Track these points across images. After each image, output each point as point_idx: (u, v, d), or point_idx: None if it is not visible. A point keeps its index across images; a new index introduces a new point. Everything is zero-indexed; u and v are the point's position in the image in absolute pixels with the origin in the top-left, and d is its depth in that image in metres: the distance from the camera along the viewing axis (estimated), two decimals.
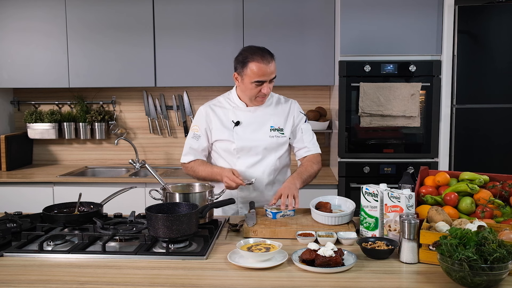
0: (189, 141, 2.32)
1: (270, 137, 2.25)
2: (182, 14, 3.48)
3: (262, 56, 2.11)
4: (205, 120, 2.28)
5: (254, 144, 2.23)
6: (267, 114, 2.27)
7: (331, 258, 1.46)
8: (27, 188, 3.35)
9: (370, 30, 3.20)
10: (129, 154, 3.95)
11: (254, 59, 2.10)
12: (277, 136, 2.26)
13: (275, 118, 2.28)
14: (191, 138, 2.31)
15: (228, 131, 2.24)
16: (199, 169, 2.26)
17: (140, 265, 1.55)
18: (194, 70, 3.52)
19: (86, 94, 3.94)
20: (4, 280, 1.43)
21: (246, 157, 2.24)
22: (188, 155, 2.31)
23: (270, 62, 2.11)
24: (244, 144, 2.22)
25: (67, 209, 2.04)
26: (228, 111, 2.28)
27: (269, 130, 2.25)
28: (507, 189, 1.84)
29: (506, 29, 3.14)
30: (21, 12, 3.54)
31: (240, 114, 2.26)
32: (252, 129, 2.25)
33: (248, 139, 2.23)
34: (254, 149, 2.23)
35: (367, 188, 1.80)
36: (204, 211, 1.85)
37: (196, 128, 2.30)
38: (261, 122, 2.26)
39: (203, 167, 2.26)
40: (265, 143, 2.24)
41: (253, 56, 2.11)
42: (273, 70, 2.14)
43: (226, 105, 2.30)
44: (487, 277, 1.29)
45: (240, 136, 2.23)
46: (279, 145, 2.27)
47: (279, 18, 3.43)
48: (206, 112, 2.29)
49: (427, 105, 3.22)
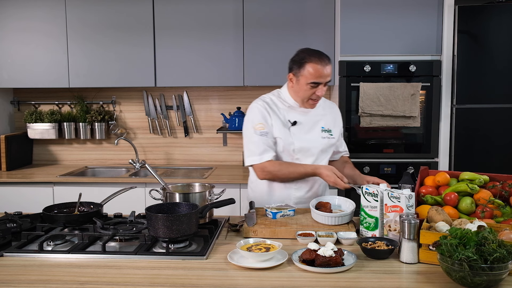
0: (259, 140, 2.15)
1: (322, 138, 2.24)
2: (182, 14, 3.48)
3: (320, 57, 2.10)
4: (268, 116, 2.19)
5: (311, 145, 2.21)
6: (318, 115, 2.27)
7: (331, 258, 1.46)
8: (27, 188, 3.34)
9: (370, 30, 3.20)
10: (129, 154, 3.95)
11: (311, 60, 2.09)
12: (327, 138, 2.26)
13: (325, 119, 2.28)
14: (260, 136, 2.15)
15: (286, 131, 2.20)
16: (288, 171, 2.15)
17: (140, 265, 1.55)
18: (194, 70, 3.52)
19: (86, 94, 3.94)
20: (4, 280, 1.43)
21: (304, 158, 2.21)
22: (266, 153, 2.15)
23: (327, 65, 2.10)
24: (303, 145, 2.20)
25: (67, 209, 2.04)
26: (283, 111, 2.23)
27: (320, 131, 2.25)
28: (507, 189, 1.84)
29: (506, 29, 3.14)
30: (21, 12, 3.55)
31: (295, 114, 2.23)
32: (307, 129, 2.23)
33: (305, 139, 2.21)
34: (311, 150, 2.22)
35: (367, 188, 1.80)
36: (204, 211, 1.85)
37: (261, 126, 2.17)
38: (314, 122, 2.25)
39: (292, 168, 2.15)
40: (319, 144, 2.23)
41: (310, 57, 2.10)
42: (329, 73, 2.12)
43: (279, 104, 2.25)
44: (487, 277, 1.29)
45: (298, 136, 2.20)
46: (329, 146, 2.28)
47: (279, 18, 3.44)
48: (266, 109, 2.21)
49: (427, 105, 3.22)
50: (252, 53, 3.46)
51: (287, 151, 2.20)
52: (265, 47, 3.46)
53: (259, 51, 3.46)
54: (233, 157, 3.94)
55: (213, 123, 3.93)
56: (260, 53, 3.45)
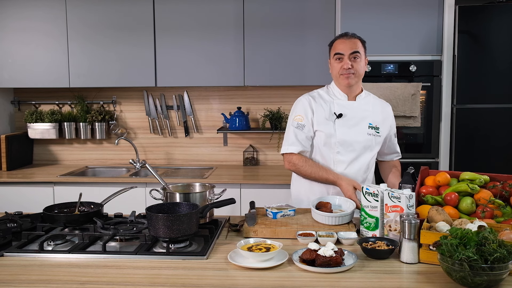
0: (293, 131, 2.23)
1: (368, 135, 2.24)
2: (182, 14, 3.48)
3: (344, 34, 2.22)
4: (309, 109, 2.23)
5: (354, 139, 2.21)
6: (366, 111, 2.26)
7: (332, 258, 1.46)
8: (28, 188, 3.35)
9: (370, 30, 3.19)
10: (130, 154, 3.95)
11: (337, 38, 2.22)
12: (374, 135, 2.25)
13: (373, 116, 2.27)
14: (295, 128, 2.22)
15: (329, 124, 2.21)
16: (310, 170, 2.19)
17: (140, 265, 1.55)
18: (194, 70, 3.52)
19: (86, 94, 3.94)
20: (4, 280, 1.43)
21: (345, 152, 2.22)
22: (294, 145, 2.21)
23: (351, 38, 2.18)
24: (345, 138, 2.20)
25: (68, 209, 2.04)
26: (329, 103, 2.25)
27: (367, 127, 2.24)
28: (507, 189, 1.84)
29: (507, 29, 3.14)
30: (21, 12, 3.55)
31: (342, 107, 2.24)
32: (353, 123, 2.22)
33: (349, 132, 2.20)
34: (353, 145, 2.21)
35: (367, 188, 1.80)
36: (205, 211, 1.85)
37: (300, 118, 2.22)
38: (361, 117, 2.24)
39: (315, 169, 2.19)
40: (364, 140, 2.23)
41: (337, 36, 2.24)
42: (354, 45, 2.17)
43: (326, 97, 2.27)
44: (487, 277, 1.29)
45: (342, 129, 2.20)
46: (374, 144, 2.27)
47: (279, 18, 3.44)
48: (309, 101, 2.25)
49: (427, 105, 3.22)
50: (252, 53, 3.46)
51: (329, 144, 2.21)
52: (265, 47, 3.46)
53: (260, 51, 3.46)
54: (233, 157, 3.94)
55: (213, 123, 3.93)
56: (261, 53, 3.45)
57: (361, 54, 2.19)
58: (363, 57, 2.21)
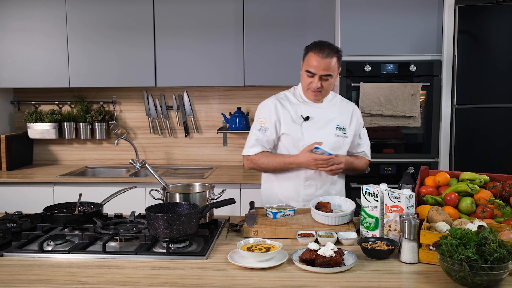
0: (255, 133, 2.24)
1: (335, 136, 2.23)
2: (182, 14, 3.48)
3: (321, 48, 2.09)
4: (274, 113, 2.21)
5: (322, 141, 2.18)
6: (334, 112, 2.26)
7: (331, 258, 1.46)
8: (27, 188, 3.35)
9: (370, 30, 3.20)
10: (129, 154, 3.95)
11: (312, 50, 2.12)
12: (341, 136, 2.24)
13: (341, 117, 2.26)
14: (257, 130, 2.23)
15: (297, 126, 2.20)
16: (267, 160, 2.21)
17: (140, 265, 1.55)
18: (194, 70, 3.52)
19: (86, 94, 3.94)
20: (4, 280, 1.43)
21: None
22: (254, 147, 2.23)
23: (326, 57, 2.08)
24: (313, 140, 2.17)
25: (67, 209, 2.04)
26: (296, 106, 2.24)
27: (335, 129, 2.23)
28: (507, 189, 1.84)
29: (506, 29, 3.14)
30: (21, 12, 3.55)
31: (309, 109, 2.23)
32: (320, 125, 2.22)
33: (317, 135, 2.20)
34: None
35: (367, 188, 1.80)
36: (204, 211, 1.85)
37: (263, 121, 2.23)
38: (328, 119, 2.24)
39: (271, 157, 2.21)
40: (332, 141, 2.21)
41: (314, 46, 2.13)
42: (328, 67, 2.09)
43: (293, 100, 2.26)
44: (487, 277, 1.29)
45: (309, 131, 2.20)
46: (343, 145, 2.26)
47: (279, 18, 3.44)
48: (275, 105, 2.23)
49: (427, 105, 3.22)
50: (252, 53, 3.46)
51: (297, 147, 2.20)
52: (265, 47, 3.46)
53: (259, 51, 3.46)
54: (233, 157, 3.94)
55: (213, 123, 3.93)
56: (260, 53, 3.45)
57: (334, 74, 2.14)
58: (336, 74, 2.16)
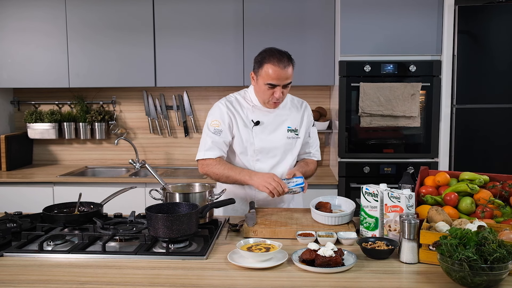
0: (209, 136, 2.15)
1: (287, 138, 2.20)
2: (182, 14, 3.48)
3: (279, 59, 2.03)
4: (227, 115, 2.16)
5: (273, 145, 2.18)
6: (284, 115, 2.22)
7: (331, 258, 1.46)
8: (27, 188, 3.35)
9: (370, 30, 3.20)
10: (129, 154, 3.95)
11: (270, 61, 2.04)
12: (293, 138, 2.22)
13: (291, 118, 2.23)
14: (212, 133, 2.15)
15: (247, 131, 2.17)
16: (221, 170, 2.12)
17: (140, 265, 1.55)
18: (194, 70, 3.52)
19: (86, 94, 3.94)
20: (4, 280, 1.43)
21: (265, 159, 2.18)
22: (210, 150, 2.14)
23: (286, 67, 2.03)
24: (264, 145, 2.16)
25: (67, 209, 2.04)
26: (246, 110, 2.20)
27: (286, 131, 2.20)
28: (507, 189, 1.84)
29: (506, 29, 3.14)
30: (21, 12, 3.55)
31: (259, 114, 2.19)
32: (271, 129, 2.19)
33: (267, 140, 2.17)
34: (273, 151, 2.18)
35: (367, 188, 1.80)
36: (204, 211, 1.85)
37: (217, 123, 2.15)
38: (279, 122, 2.20)
39: (226, 167, 2.13)
40: (283, 144, 2.19)
41: (270, 57, 2.05)
42: (289, 75, 2.05)
43: (244, 103, 2.21)
44: (487, 277, 1.29)
45: (260, 136, 2.17)
46: (295, 146, 2.24)
47: (279, 18, 3.44)
48: (228, 108, 2.17)
49: (427, 105, 3.22)
50: (252, 53, 3.42)
51: (245, 152, 2.17)
52: (265, 47, 3.44)
53: (260, 50, 3.44)
54: None
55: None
56: None
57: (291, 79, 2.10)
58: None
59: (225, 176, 2.13)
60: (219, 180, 2.18)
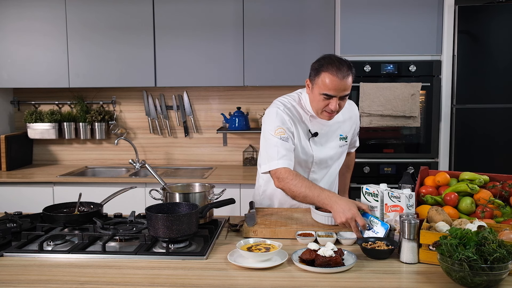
0: (279, 144, 1.96)
1: (339, 147, 2.14)
2: (182, 14, 3.48)
3: (338, 68, 1.88)
4: (289, 124, 2.01)
5: (329, 157, 2.11)
6: (338, 123, 2.12)
7: (331, 258, 1.46)
8: (27, 188, 3.34)
9: (370, 30, 3.20)
10: (129, 154, 3.95)
11: (328, 70, 1.89)
12: (343, 145, 2.16)
13: (343, 126, 2.15)
14: (281, 141, 1.96)
15: (305, 142, 2.06)
16: (299, 186, 1.87)
17: (140, 265, 1.55)
18: (194, 70, 3.52)
19: (86, 94, 3.94)
20: (4, 280, 1.43)
21: (318, 169, 2.12)
22: (283, 159, 1.93)
23: (345, 77, 1.88)
24: (322, 157, 2.09)
25: (67, 209, 2.04)
26: (305, 120, 2.07)
27: (338, 140, 2.13)
28: (507, 189, 1.84)
29: (506, 29, 3.14)
30: (21, 12, 3.55)
31: (316, 124, 2.07)
32: (326, 139, 2.11)
33: (324, 151, 2.10)
34: (327, 161, 2.13)
35: (367, 188, 1.80)
36: (204, 211, 1.85)
37: (282, 131, 1.97)
38: (333, 131, 2.12)
39: (304, 184, 1.87)
40: (336, 153, 2.13)
41: (328, 65, 1.90)
42: (347, 87, 1.90)
43: (302, 112, 2.07)
44: (487, 277, 1.29)
45: (317, 148, 2.09)
46: (344, 153, 2.20)
47: (279, 18, 3.44)
48: (288, 115, 2.02)
49: (427, 105, 3.22)
50: (252, 53, 3.46)
51: (300, 163, 2.06)
52: (265, 47, 3.46)
53: (259, 51, 3.46)
54: (233, 157, 3.94)
55: (213, 123, 3.93)
56: (260, 53, 3.45)
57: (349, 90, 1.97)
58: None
59: (302, 195, 1.87)
60: (295, 199, 1.92)
